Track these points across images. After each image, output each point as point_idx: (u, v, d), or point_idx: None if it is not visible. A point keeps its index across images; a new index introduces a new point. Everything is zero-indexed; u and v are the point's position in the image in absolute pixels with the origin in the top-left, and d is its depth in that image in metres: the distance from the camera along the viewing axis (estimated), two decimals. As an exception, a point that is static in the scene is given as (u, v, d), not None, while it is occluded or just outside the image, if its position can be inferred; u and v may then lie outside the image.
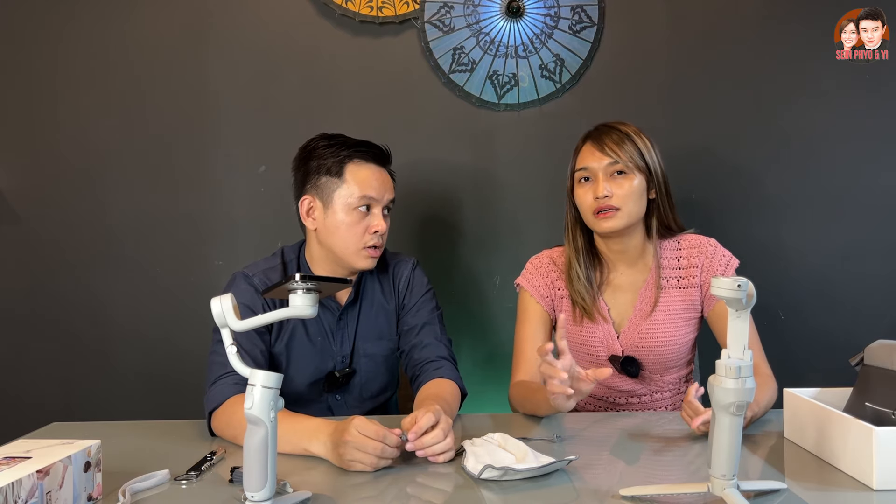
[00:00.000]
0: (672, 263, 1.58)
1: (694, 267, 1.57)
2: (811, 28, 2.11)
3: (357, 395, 1.58)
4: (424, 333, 1.56)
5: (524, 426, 1.38)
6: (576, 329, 1.59)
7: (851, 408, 1.18)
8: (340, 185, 1.48)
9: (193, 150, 2.14)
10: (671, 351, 1.56)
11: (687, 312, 1.57)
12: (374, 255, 1.51)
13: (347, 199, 1.47)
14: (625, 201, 1.49)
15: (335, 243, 1.50)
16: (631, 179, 1.50)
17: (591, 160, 1.52)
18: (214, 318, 0.95)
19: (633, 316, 1.57)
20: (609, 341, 1.57)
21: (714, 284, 0.92)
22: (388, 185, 1.54)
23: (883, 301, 2.14)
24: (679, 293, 1.57)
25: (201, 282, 2.13)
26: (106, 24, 2.11)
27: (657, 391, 1.61)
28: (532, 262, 1.67)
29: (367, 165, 1.50)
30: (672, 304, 1.57)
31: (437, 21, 2.09)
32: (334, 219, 1.48)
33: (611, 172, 1.50)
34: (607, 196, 1.48)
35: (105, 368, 2.16)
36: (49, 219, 2.14)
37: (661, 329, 1.55)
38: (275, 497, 0.94)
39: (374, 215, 1.50)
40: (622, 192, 1.49)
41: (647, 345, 1.55)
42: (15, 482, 0.84)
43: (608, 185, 1.49)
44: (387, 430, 1.13)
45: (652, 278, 1.58)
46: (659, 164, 1.55)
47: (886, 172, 2.13)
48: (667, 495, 0.99)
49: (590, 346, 1.59)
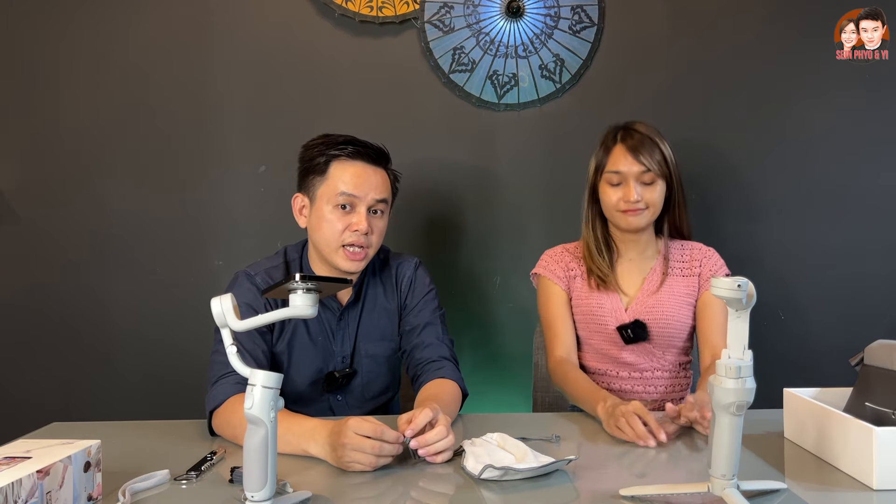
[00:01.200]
0: (676, 256, 1.72)
1: (695, 260, 1.71)
2: (811, 28, 2.11)
3: (358, 396, 1.58)
4: (426, 333, 1.56)
5: (523, 426, 1.38)
6: (586, 300, 1.70)
7: (851, 408, 1.18)
8: (323, 182, 1.48)
9: (193, 150, 2.14)
10: (674, 327, 1.66)
11: (688, 297, 1.68)
12: (354, 256, 1.47)
13: (328, 195, 1.47)
14: (652, 203, 1.63)
15: (318, 240, 1.50)
16: (658, 185, 1.63)
17: (624, 165, 1.61)
18: (214, 318, 0.95)
19: (640, 293, 1.68)
20: (617, 312, 1.67)
21: (714, 284, 0.92)
22: (376, 185, 1.49)
23: (883, 301, 2.14)
24: (682, 280, 1.69)
25: (201, 282, 2.13)
26: (106, 25, 2.11)
27: (658, 368, 1.68)
28: (547, 252, 1.79)
29: (353, 163, 1.48)
30: (676, 286, 1.68)
31: (437, 21, 2.09)
32: (318, 215, 1.49)
33: (642, 179, 1.61)
34: (638, 200, 1.61)
35: (105, 368, 2.16)
36: (49, 219, 2.14)
37: (667, 305, 1.66)
38: (275, 497, 0.94)
39: (356, 213, 1.47)
40: (650, 197, 1.62)
41: (654, 317, 1.66)
42: (15, 482, 0.84)
43: (639, 190, 1.61)
44: (384, 427, 1.12)
45: (658, 264, 1.71)
46: (677, 169, 1.67)
47: (886, 172, 2.13)
48: (667, 495, 0.99)
49: (599, 316, 1.68)
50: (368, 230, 1.47)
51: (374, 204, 1.50)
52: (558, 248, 1.78)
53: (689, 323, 1.69)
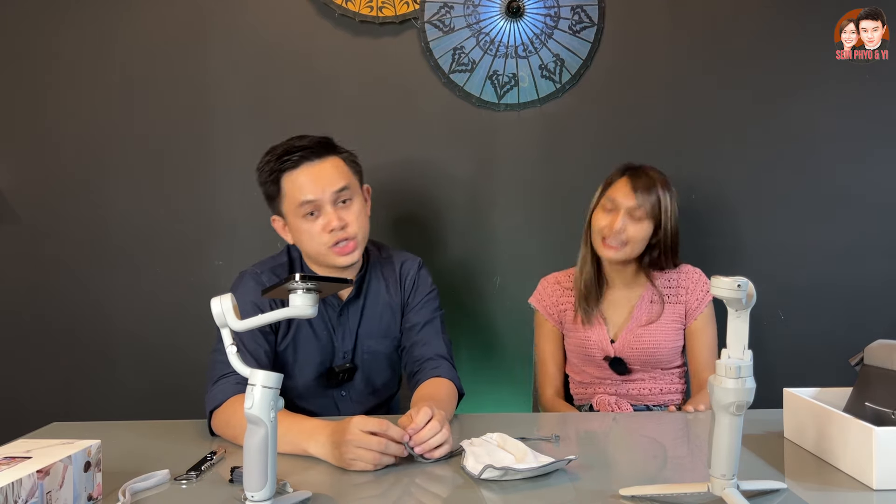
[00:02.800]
0: (664, 283, 1.78)
1: (682, 287, 1.77)
2: (811, 28, 2.11)
3: (361, 391, 1.59)
4: (425, 332, 1.57)
5: (522, 426, 1.38)
6: (574, 333, 1.80)
7: (851, 408, 1.18)
8: (283, 199, 1.48)
9: (193, 149, 2.14)
10: (660, 353, 1.74)
11: (675, 323, 1.76)
12: (344, 250, 1.47)
13: (293, 210, 1.47)
14: (633, 239, 1.69)
15: (308, 251, 1.51)
16: (644, 224, 1.70)
17: (621, 195, 1.70)
18: (214, 318, 0.95)
19: (629, 323, 1.76)
20: (603, 343, 1.75)
21: (714, 284, 0.92)
22: (329, 179, 1.46)
23: (883, 301, 2.14)
24: (669, 307, 1.76)
25: (201, 282, 2.13)
26: (106, 24, 2.11)
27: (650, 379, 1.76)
28: (542, 283, 1.87)
29: (297, 170, 1.46)
30: (663, 314, 1.75)
31: (437, 21, 2.09)
32: (295, 230, 1.50)
33: (632, 214, 1.69)
34: (620, 231, 1.68)
35: (105, 368, 2.16)
36: (49, 219, 2.14)
37: (654, 336, 1.73)
38: (275, 497, 0.94)
39: (325, 214, 1.46)
40: (634, 232, 1.69)
41: (640, 347, 1.73)
42: (15, 482, 0.84)
43: (625, 221, 1.68)
44: (389, 424, 1.12)
45: (647, 293, 1.77)
46: (671, 217, 1.72)
47: (886, 172, 2.13)
48: (667, 495, 0.99)
49: (587, 349, 1.77)
50: (343, 223, 1.46)
51: (336, 196, 1.47)
52: (551, 279, 1.86)
53: (678, 344, 1.77)
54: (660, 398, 1.75)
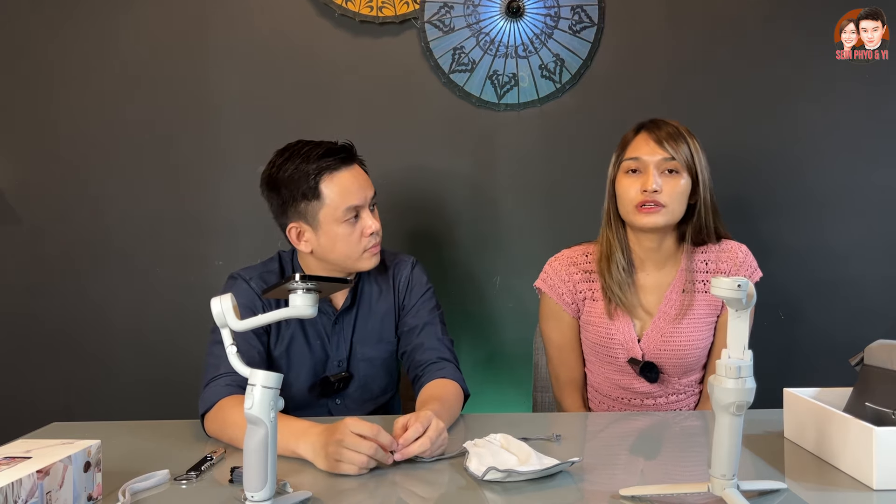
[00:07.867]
0: (700, 267, 1.53)
1: (721, 272, 1.53)
2: (811, 28, 2.11)
3: (357, 399, 1.58)
4: (425, 334, 1.55)
5: (524, 426, 1.38)
6: (595, 328, 1.56)
7: (851, 408, 1.18)
8: (322, 205, 1.43)
9: (193, 149, 2.14)
10: (692, 355, 1.54)
11: (710, 317, 1.54)
12: (374, 252, 1.49)
13: (333, 216, 1.43)
14: (672, 199, 1.44)
15: (335, 258, 1.48)
16: (680, 179, 1.46)
17: (645, 151, 1.46)
18: (214, 318, 0.95)
19: (656, 319, 1.53)
20: (629, 344, 1.53)
21: (714, 284, 0.92)
22: (366, 182, 1.48)
23: (883, 301, 2.14)
24: (704, 297, 1.53)
25: (201, 282, 2.13)
26: (105, 24, 2.11)
27: (673, 393, 1.59)
28: (551, 264, 1.61)
29: (339, 174, 1.44)
30: (696, 307, 1.53)
31: (437, 21, 2.09)
32: (329, 237, 1.45)
33: (663, 168, 1.45)
34: (656, 191, 1.43)
35: (105, 368, 2.16)
36: (49, 219, 2.14)
37: (685, 333, 1.52)
38: (275, 497, 0.94)
39: (364, 218, 1.46)
40: (671, 190, 1.44)
41: (670, 348, 1.52)
42: (15, 482, 0.84)
43: (659, 180, 1.43)
44: (380, 429, 1.11)
45: (678, 281, 1.54)
46: (706, 170, 1.50)
47: (887, 172, 2.13)
48: (667, 495, 0.99)
49: (609, 348, 1.55)
50: (379, 227, 1.49)
51: (373, 200, 1.50)
52: (564, 260, 1.59)
53: (710, 343, 1.55)
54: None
